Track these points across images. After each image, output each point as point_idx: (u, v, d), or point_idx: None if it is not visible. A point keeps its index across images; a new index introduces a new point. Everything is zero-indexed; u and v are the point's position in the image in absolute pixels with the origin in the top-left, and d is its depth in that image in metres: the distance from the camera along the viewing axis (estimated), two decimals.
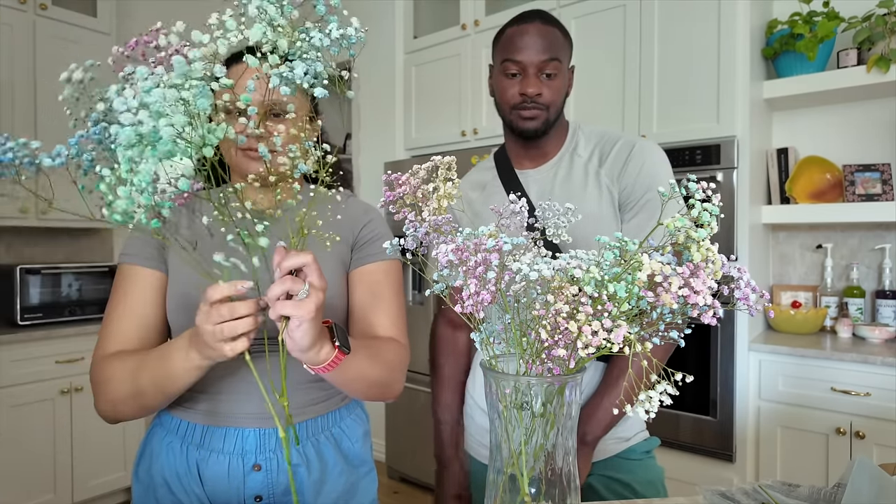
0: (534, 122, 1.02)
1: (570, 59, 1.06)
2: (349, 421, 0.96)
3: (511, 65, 1.00)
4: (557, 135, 1.08)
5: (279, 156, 0.57)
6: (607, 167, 1.03)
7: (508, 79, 1.02)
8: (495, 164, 1.14)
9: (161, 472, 0.86)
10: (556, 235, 0.68)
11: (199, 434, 0.86)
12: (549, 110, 1.01)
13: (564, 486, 0.59)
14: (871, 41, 1.95)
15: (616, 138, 1.06)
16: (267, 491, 0.85)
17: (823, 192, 2.14)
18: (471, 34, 2.73)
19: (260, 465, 0.85)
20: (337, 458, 0.92)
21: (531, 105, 1.00)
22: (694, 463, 2.00)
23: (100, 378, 0.81)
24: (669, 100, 2.11)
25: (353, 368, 0.75)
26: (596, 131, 1.10)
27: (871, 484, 0.74)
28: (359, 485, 0.95)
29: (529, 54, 0.98)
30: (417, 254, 0.64)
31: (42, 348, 2.37)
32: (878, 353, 1.75)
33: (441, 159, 0.67)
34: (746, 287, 0.50)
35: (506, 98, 1.03)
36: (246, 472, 0.84)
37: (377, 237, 0.95)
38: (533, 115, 1.01)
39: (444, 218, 0.63)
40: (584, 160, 1.06)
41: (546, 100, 1.00)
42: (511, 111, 1.03)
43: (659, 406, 0.48)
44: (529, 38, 0.99)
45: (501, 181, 1.11)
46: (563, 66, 1.02)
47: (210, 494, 0.84)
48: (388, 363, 0.85)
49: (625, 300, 0.49)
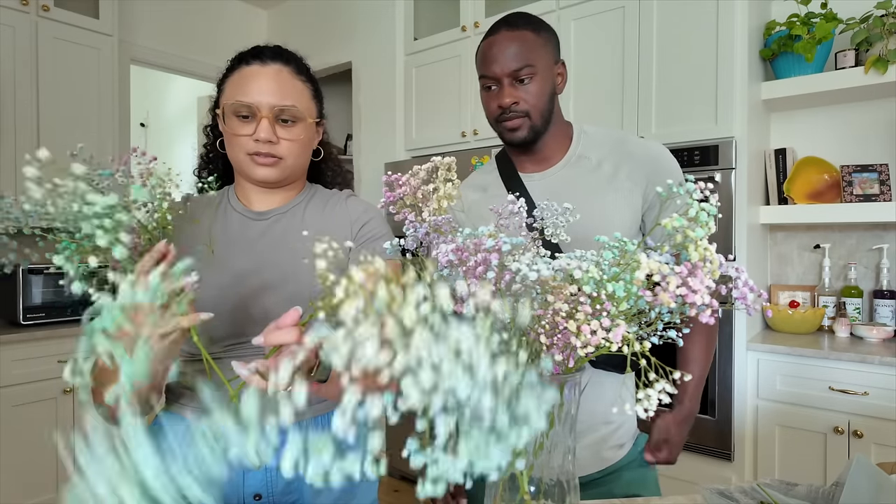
0: (519, 133, 1.01)
1: (552, 55, 1.02)
2: None
3: (486, 80, 1.01)
4: (558, 137, 1.07)
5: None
6: (626, 172, 1.02)
7: (487, 93, 1.02)
8: (497, 167, 1.13)
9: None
10: (556, 235, 0.69)
11: None
12: (532, 116, 1.00)
13: (564, 485, 0.59)
14: (868, 42, 1.96)
15: (628, 143, 1.05)
16: (266, 489, 0.85)
17: (821, 193, 2.15)
18: (471, 35, 2.73)
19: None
20: None
21: (511, 115, 1.00)
22: (692, 462, 2.00)
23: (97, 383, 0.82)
24: (668, 101, 2.12)
25: (336, 388, 0.75)
26: (602, 133, 1.08)
27: (868, 483, 0.74)
28: (359, 484, 0.95)
29: (499, 65, 0.98)
30: (417, 254, 0.64)
31: (44, 348, 2.38)
32: (875, 353, 1.76)
33: (441, 160, 0.67)
34: (744, 286, 0.51)
35: (489, 111, 1.03)
36: (245, 471, 0.85)
37: (377, 237, 0.95)
38: (515, 124, 1.00)
39: (444, 218, 0.63)
40: (594, 163, 1.04)
41: (524, 107, 0.99)
42: (496, 124, 1.03)
43: (657, 405, 0.49)
44: (497, 49, 0.98)
45: (504, 184, 1.09)
46: (539, 67, 0.99)
47: None
48: None
49: (623, 300, 0.50)
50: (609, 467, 1.03)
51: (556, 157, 1.07)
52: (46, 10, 2.55)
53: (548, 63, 1.01)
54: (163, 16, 3.30)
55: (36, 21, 2.53)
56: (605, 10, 2.27)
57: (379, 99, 3.15)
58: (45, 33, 2.56)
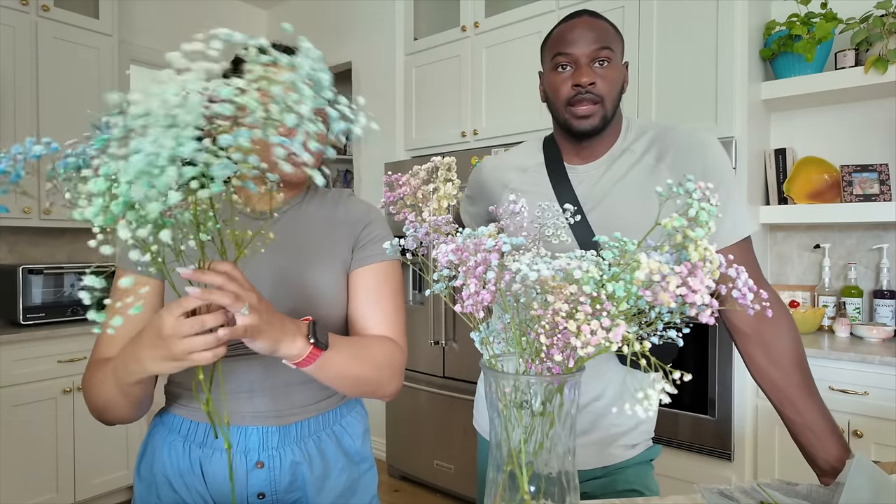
0: (590, 121, 0.97)
1: (622, 54, 1.02)
2: (349, 419, 0.97)
3: (561, 57, 0.97)
4: (611, 132, 1.03)
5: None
6: (668, 163, 0.98)
7: (560, 73, 0.98)
8: (543, 153, 1.09)
9: (163, 470, 0.87)
10: (556, 236, 0.69)
11: (202, 433, 0.86)
12: (605, 103, 0.97)
13: (564, 485, 0.59)
14: (868, 42, 1.96)
15: (673, 131, 1.01)
16: (269, 488, 0.86)
17: (821, 193, 2.15)
18: (471, 36, 2.73)
19: (263, 463, 0.86)
20: (338, 455, 0.93)
21: (586, 97, 0.96)
22: (692, 462, 2.01)
23: (85, 385, 0.82)
24: (668, 100, 2.12)
25: (336, 365, 0.77)
26: (649, 124, 1.05)
27: (868, 482, 0.74)
28: (360, 481, 0.96)
29: (580, 45, 0.95)
30: (417, 254, 0.65)
31: (44, 348, 2.38)
32: (875, 353, 1.76)
33: (441, 160, 0.67)
34: (744, 286, 0.51)
35: (559, 94, 0.98)
36: (249, 470, 0.85)
37: (378, 238, 0.96)
38: (588, 110, 0.96)
39: (444, 218, 0.63)
40: (637, 156, 1.01)
41: (600, 90, 0.96)
42: (565, 108, 0.98)
43: (658, 405, 0.49)
44: (579, 31, 0.96)
45: (549, 173, 1.06)
46: (616, 56, 0.98)
47: (213, 492, 0.85)
48: (376, 363, 0.85)
49: (623, 299, 0.50)
50: (615, 464, 1.03)
51: (602, 150, 1.04)
52: (46, 10, 2.55)
53: (621, 57, 1.00)
54: (163, 16, 3.30)
55: (36, 21, 2.54)
56: (605, 10, 2.26)
57: (379, 99, 3.15)
58: (45, 33, 2.56)
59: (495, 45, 2.65)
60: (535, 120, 2.46)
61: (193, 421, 0.87)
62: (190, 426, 0.87)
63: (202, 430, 0.87)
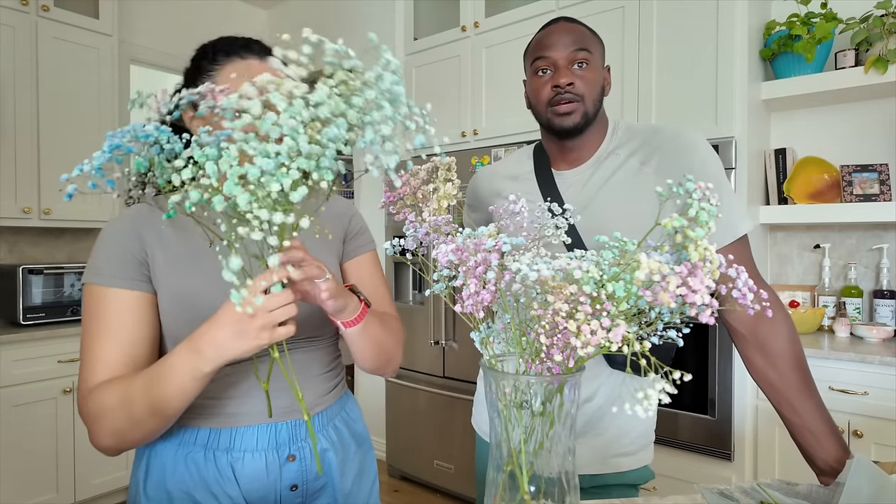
0: (571, 117, 0.99)
1: (602, 57, 1.03)
2: (351, 405, 1.04)
3: (541, 62, 1.00)
4: (595, 134, 1.04)
5: None
6: (654, 166, 0.99)
7: (541, 77, 1.01)
8: (533, 160, 1.11)
9: (181, 486, 0.84)
10: (556, 236, 0.69)
11: (227, 438, 0.85)
12: (585, 101, 0.99)
13: (564, 485, 0.59)
14: (868, 42, 1.96)
15: (661, 133, 1.02)
16: (301, 479, 0.89)
17: (821, 193, 2.15)
18: (470, 36, 2.74)
19: (294, 455, 0.88)
20: (350, 439, 0.99)
21: (565, 97, 0.98)
22: (692, 462, 2.00)
23: (93, 413, 0.77)
24: (668, 100, 2.12)
25: (372, 327, 0.86)
26: (636, 126, 1.05)
27: (868, 482, 0.74)
28: (365, 462, 1.02)
29: (558, 48, 0.98)
30: (417, 254, 0.65)
31: (44, 348, 2.38)
32: (875, 353, 1.76)
33: (441, 160, 0.67)
34: (744, 287, 0.51)
35: (541, 97, 1.01)
36: (282, 464, 0.87)
37: (363, 229, 1.05)
38: (569, 108, 0.98)
39: (444, 218, 0.64)
40: (622, 159, 1.02)
41: (579, 90, 0.98)
42: (547, 109, 1.01)
43: (658, 405, 0.49)
44: (556, 35, 0.99)
45: (537, 179, 1.08)
46: (595, 58, 1.00)
47: (246, 493, 0.85)
48: (393, 331, 0.96)
49: (623, 299, 0.50)
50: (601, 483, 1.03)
51: (588, 154, 1.05)
52: (46, 10, 2.55)
53: (600, 60, 1.03)
54: (163, 16, 3.30)
55: (36, 21, 2.54)
56: (604, 9, 2.27)
57: None
58: (45, 33, 2.56)
59: (495, 45, 2.65)
60: (535, 120, 2.46)
61: (213, 429, 0.86)
62: (209, 434, 0.86)
63: (226, 436, 0.85)
